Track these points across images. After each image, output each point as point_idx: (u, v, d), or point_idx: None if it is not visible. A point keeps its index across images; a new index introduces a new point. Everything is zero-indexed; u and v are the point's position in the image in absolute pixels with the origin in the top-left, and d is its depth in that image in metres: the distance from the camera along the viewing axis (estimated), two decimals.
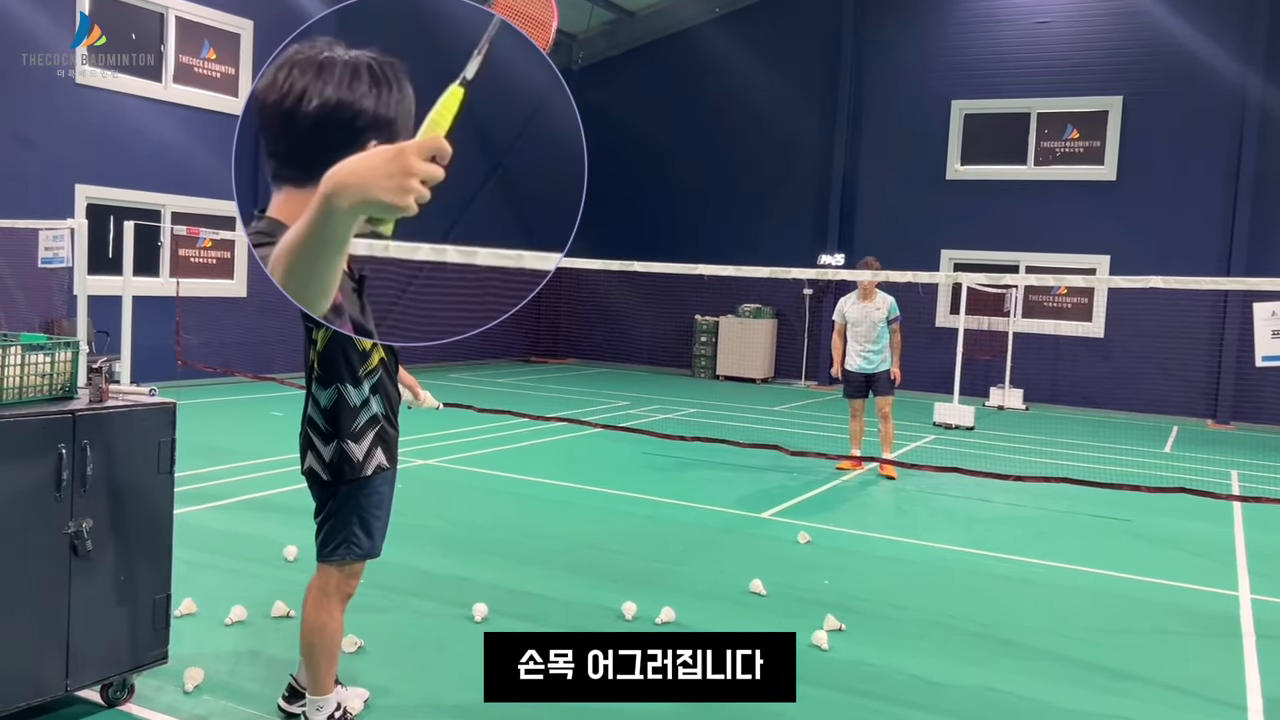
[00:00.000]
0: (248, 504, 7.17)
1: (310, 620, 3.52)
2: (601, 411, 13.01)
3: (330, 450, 3.42)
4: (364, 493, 3.45)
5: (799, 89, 18.93)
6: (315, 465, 3.47)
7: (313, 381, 3.46)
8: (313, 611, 3.53)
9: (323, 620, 3.51)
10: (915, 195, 17.93)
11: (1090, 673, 4.78)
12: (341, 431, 3.41)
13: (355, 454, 3.41)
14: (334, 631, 3.55)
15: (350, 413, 3.41)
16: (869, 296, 9.55)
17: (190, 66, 13.83)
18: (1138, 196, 16.29)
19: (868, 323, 9.50)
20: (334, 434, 3.42)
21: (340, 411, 3.41)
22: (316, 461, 3.46)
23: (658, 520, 7.47)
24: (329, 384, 3.42)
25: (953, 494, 8.93)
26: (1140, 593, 6.24)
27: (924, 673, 4.64)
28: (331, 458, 3.42)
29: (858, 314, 9.54)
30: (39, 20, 11.75)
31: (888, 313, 9.49)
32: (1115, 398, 16.30)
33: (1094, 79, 16.64)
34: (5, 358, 3.47)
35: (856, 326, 9.56)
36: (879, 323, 9.49)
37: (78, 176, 12.44)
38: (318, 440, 3.45)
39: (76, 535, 3.54)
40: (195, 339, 12.33)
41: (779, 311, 19.04)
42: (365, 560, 3.57)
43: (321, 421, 3.44)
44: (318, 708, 3.60)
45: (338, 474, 3.43)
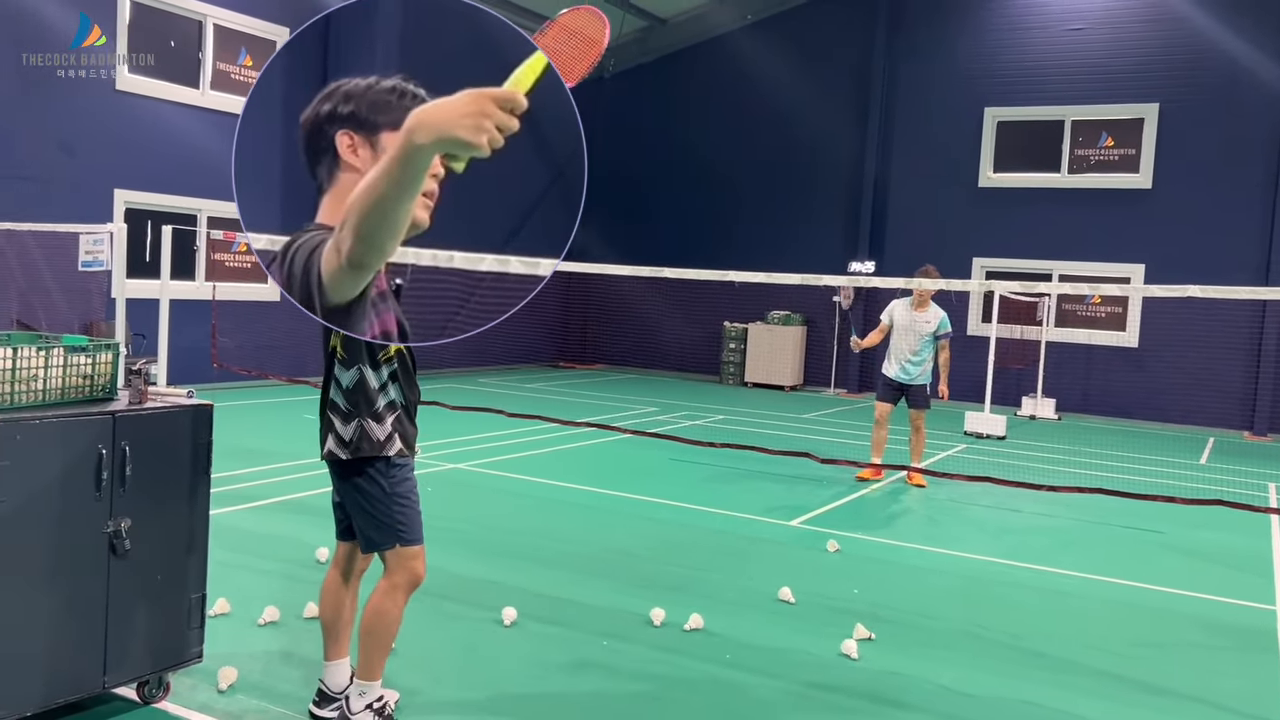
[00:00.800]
0: (281, 505, 7.25)
1: (375, 605, 3.52)
2: (630, 417, 13.03)
3: (351, 429, 3.43)
4: (388, 474, 3.46)
5: (831, 96, 18.89)
6: (334, 446, 3.47)
7: (335, 365, 3.48)
8: (379, 598, 3.52)
9: (386, 606, 3.50)
10: (947, 203, 17.83)
11: (1123, 686, 4.73)
12: (362, 410, 3.42)
13: (376, 433, 3.43)
14: (395, 619, 3.54)
15: (372, 393, 3.43)
16: (923, 306, 9.29)
17: (227, 73, 14.02)
18: (1173, 205, 16.11)
19: (914, 333, 9.27)
20: (355, 412, 3.43)
21: (362, 391, 3.43)
22: (336, 442, 3.46)
23: (686, 527, 7.47)
24: (351, 365, 3.43)
25: (984, 504, 8.86)
26: (1174, 606, 6.17)
27: (954, 683, 4.61)
28: (351, 436, 3.42)
29: (906, 321, 9.31)
30: (76, 30, 11.94)
31: (938, 327, 9.25)
32: (1149, 408, 16.12)
33: (1129, 86, 16.48)
34: (48, 359, 3.54)
35: (903, 334, 9.32)
36: (925, 335, 9.25)
37: (117, 181, 12.64)
38: (337, 420, 3.46)
39: (115, 534, 3.59)
40: (230, 342, 12.48)
41: (809, 318, 18.99)
42: (414, 546, 3.53)
43: (342, 401, 3.45)
44: (361, 692, 3.61)
45: (356, 450, 3.42)
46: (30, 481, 3.35)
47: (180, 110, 13.33)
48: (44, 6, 11.54)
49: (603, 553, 6.59)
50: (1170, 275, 14.75)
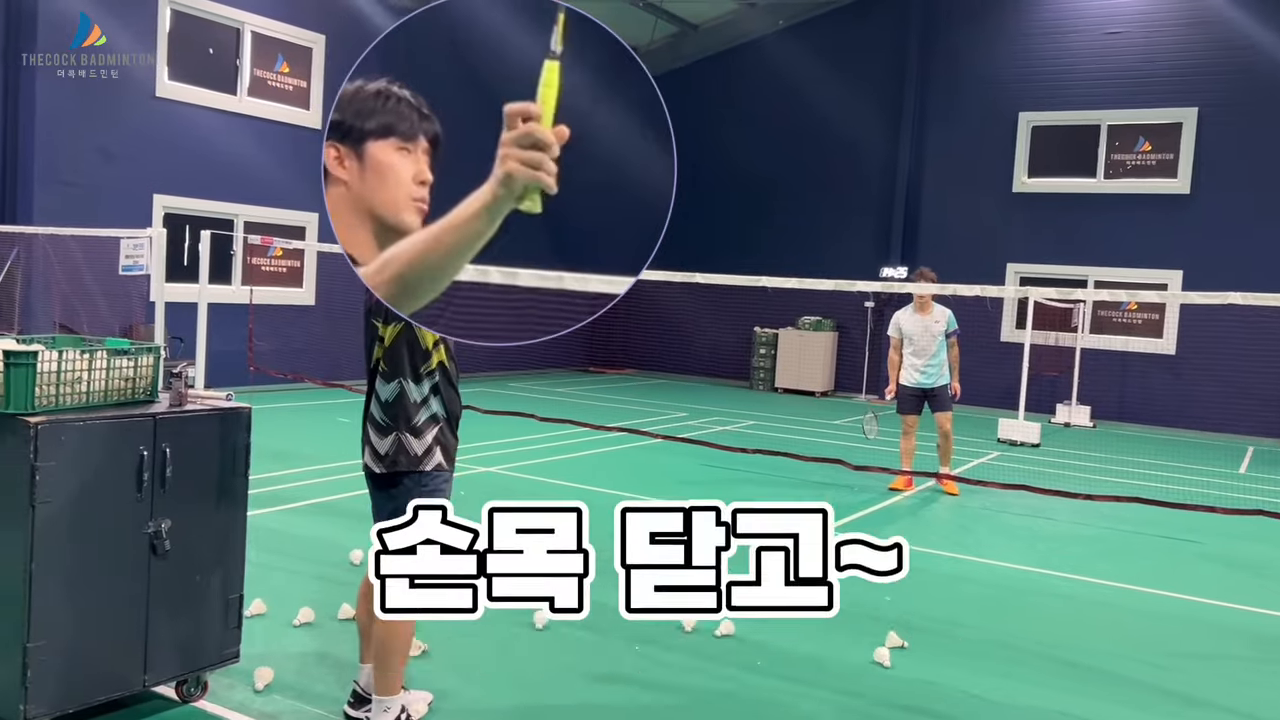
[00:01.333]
0: (316, 508, 7.32)
1: (384, 622, 3.44)
2: (660, 422, 13.03)
3: (387, 443, 3.48)
4: (423, 488, 3.46)
5: (863, 101, 18.81)
6: (369, 459, 3.53)
7: (376, 378, 3.53)
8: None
9: (397, 623, 3.47)
10: (981, 208, 17.69)
11: (1159, 698, 4.67)
12: (400, 424, 3.46)
13: (414, 447, 3.46)
14: (407, 635, 3.59)
15: (411, 407, 3.47)
16: (926, 309, 9.32)
17: (264, 80, 14.19)
18: (1212, 210, 15.89)
19: (927, 336, 9.26)
20: (392, 426, 3.48)
21: (401, 405, 3.47)
22: (371, 455, 3.52)
23: None
24: (392, 378, 3.47)
25: (1017, 512, 8.78)
26: (1212, 617, 6.08)
27: (987, 693, 4.58)
28: (387, 450, 3.47)
29: (915, 327, 9.31)
30: (123, 37, 12.15)
31: (946, 326, 9.29)
32: (1187, 416, 15.89)
33: (1167, 90, 16.28)
34: (91, 362, 3.61)
35: (915, 341, 9.31)
36: (938, 336, 9.27)
37: (156, 187, 12.83)
38: (374, 433, 3.52)
39: (156, 535, 3.65)
40: (267, 345, 12.63)
41: (840, 324, 18.91)
42: None
43: (380, 415, 3.50)
44: (385, 709, 3.64)
45: (393, 464, 3.47)
46: (74, 482, 3.41)
47: (218, 116, 13.51)
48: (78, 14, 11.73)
49: None
50: (1209, 282, 14.54)
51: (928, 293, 8.96)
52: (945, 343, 9.35)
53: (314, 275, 14.98)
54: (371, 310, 3.42)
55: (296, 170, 14.59)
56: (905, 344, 9.40)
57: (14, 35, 11.42)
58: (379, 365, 3.51)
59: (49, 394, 3.45)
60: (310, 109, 14.75)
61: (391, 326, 3.42)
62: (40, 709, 3.38)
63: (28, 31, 11.42)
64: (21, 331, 10.17)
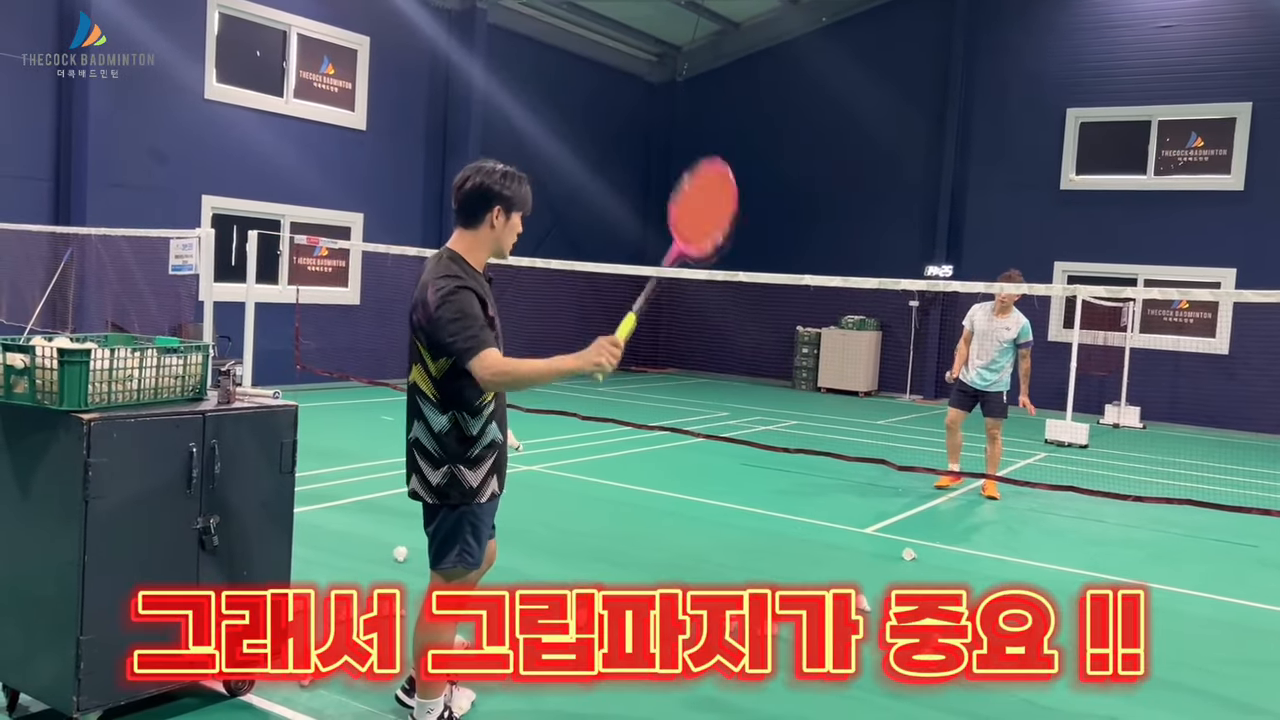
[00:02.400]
0: (360, 505, 7.39)
1: (425, 624, 3.57)
2: (702, 421, 13.00)
3: (440, 474, 3.49)
4: (474, 515, 3.55)
5: (908, 98, 18.62)
6: (420, 489, 3.54)
7: (424, 402, 3.50)
8: (423, 610, 3.58)
9: (429, 621, 3.55)
10: (1028, 206, 17.44)
11: (1216, 705, 4.57)
12: (453, 457, 3.47)
13: (470, 480, 3.50)
14: (448, 637, 3.61)
15: (466, 441, 3.48)
16: (1005, 312, 9.01)
17: (310, 82, 14.36)
18: (1267, 207, 15.53)
19: (993, 339, 8.99)
20: (445, 459, 3.48)
21: (455, 438, 3.47)
22: (421, 485, 3.53)
23: (760, 532, 7.42)
24: (445, 410, 3.46)
25: (1065, 514, 8.64)
26: (1270, 623, 5.94)
27: (1038, 698, 4.50)
28: (439, 482, 3.49)
29: (986, 326, 9.04)
30: (167, 42, 12.35)
31: (1019, 335, 8.97)
32: (1240, 417, 15.54)
33: (1220, 85, 15.94)
34: (142, 360, 3.66)
35: (981, 338, 9.06)
36: (1005, 342, 8.97)
37: (204, 188, 13.03)
38: (425, 464, 3.50)
39: (205, 530, 3.70)
40: (313, 344, 12.77)
41: (883, 323, 18.74)
42: (474, 570, 3.65)
43: (433, 446, 3.49)
44: (427, 710, 3.67)
45: (443, 497, 3.50)
46: (126, 478, 3.47)
47: (265, 118, 13.69)
48: (128, 18, 11.94)
49: (675, 557, 6.59)
50: (1264, 279, 14.21)
51: (1009, 295, 8.66)
52: (1014, 351, 9.04)
53: (359, 275, 15.13)
54: (423, 332, 3.41)
55: (342, 171, 14.76)
56: (974, 339, 9.17)
57: (66, 39, 11.65)
58: (427, 393, 3.49)
59: (101, 391, 3.51)
60: (355, 110, 14.90)
61: (443, 361, 3.41)
62: (92, 701, 3.44)
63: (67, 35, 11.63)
64: (75, 330, 10.38)
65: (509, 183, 3.58)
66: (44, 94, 11.60)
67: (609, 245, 18.12)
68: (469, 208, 3.56)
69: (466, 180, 3.57)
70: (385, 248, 11.41)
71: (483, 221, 3.55)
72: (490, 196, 3.54)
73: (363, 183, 15.10)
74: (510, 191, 3.57)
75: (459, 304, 3.34)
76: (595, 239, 18.43)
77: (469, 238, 3.58)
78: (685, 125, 21.03)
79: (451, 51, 16.09)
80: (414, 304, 3.46)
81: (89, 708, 3.44)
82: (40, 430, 3.50)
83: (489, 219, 3.55)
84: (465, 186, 3.56)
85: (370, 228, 15.14)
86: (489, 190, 3.54)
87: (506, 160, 3.68)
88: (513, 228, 3.62)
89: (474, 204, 3.55)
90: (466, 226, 3.59)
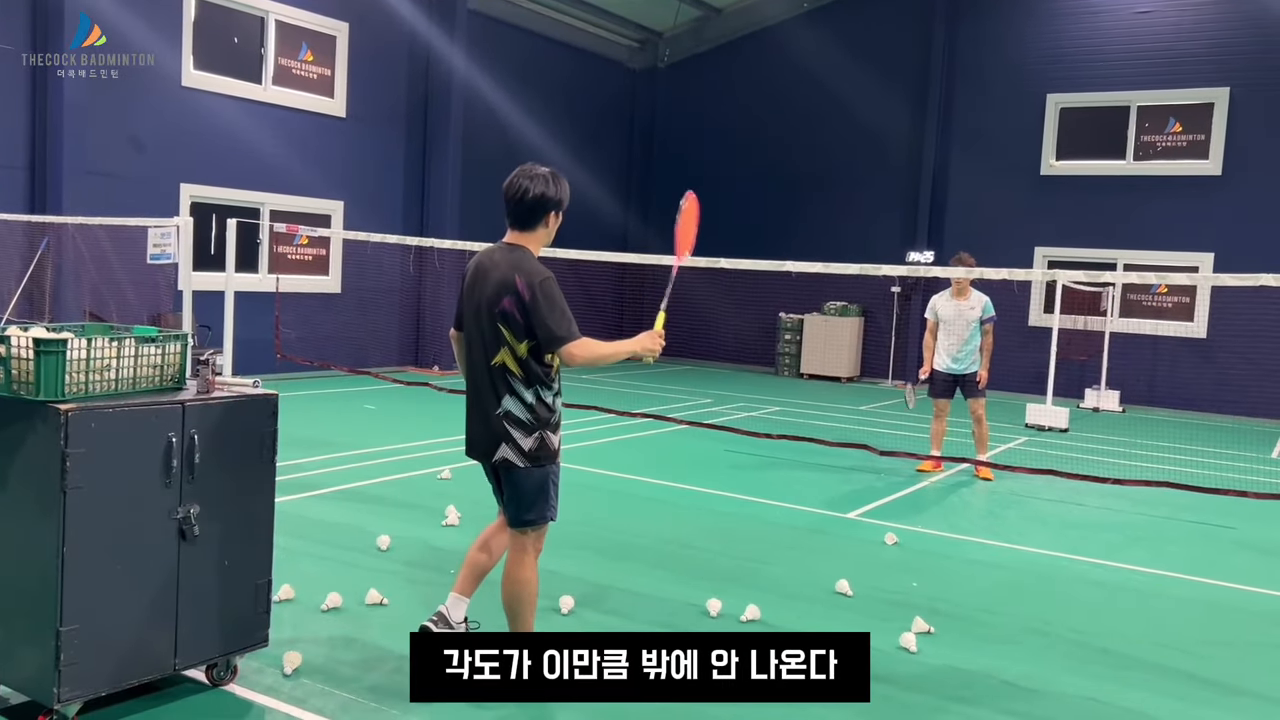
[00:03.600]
0: (342, 494, 7.36)
1: (512, 576, 4.01)
2: (686, 408, 13.02)
3: (533, 440, 3.92)
4: (554, 472, 4.02)
5: (889, 83, 18.63)
6: (512, 455, 3.91)
7: (513, 382, 3.91)
8: (514, 569, 4.02)
9: (525, 576, 3.99)
10: (1008, 191, 17.51)
11: (1195, 685, 4.62)
12: (542, 424, 3.94)
13: (554, 442, 3.99)
14: (533, 585, 4.04)
15: (548, 409, 3.96)
16: (963, 294, 9.24)
17: (288, 68, 14.23)
18: (1244, 192, 15.64)
19: (961, 321, 9.19)
20: (536, 426, 3.93)
21: (542, 407, 3.94)
22: (514, 452, 3.91)
23: (743, 518, 7.45)
24: (530, 385, 3.92)
25: (1045, 498, 8.71)
26: (1248, 603, 6.00)
27: (1017, 679, 4.54)
28: (532, 447, 3.92)
29: (951, 312, 9.24)
30: (143, 30, 12.21)
31: (982, 312, 9.20)
32: (1218, 401, 15.69)
33: (1198, 70, 16.02)
34: (120, 350, 3.63)
35: (949, 325, 9.26)
36: (973, 322, 9.18)
37: (182, 176, 12.91)
38: (518, 432, 3.91)
39: (185, 520, 3.68)
40: (293, 333, 12.70)
41: (865, 310, 18.79)
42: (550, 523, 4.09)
43: (526, 416, 3.92)
44: None
45: (535, 460, 3.93)
46: (104, 468, 3.44)
47: (243, 106, 13.57)
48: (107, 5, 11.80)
49: (659, 543, 6.60)
50: (1241, 264, 14.31)
51: (965, 277, 8.82)
52: (980, 329, 9.25)
53: (340, 263, 15.04)
54: (516, 317, 3.85)
55: (322, 158, 14.65)
56: (940, 328, 9.33)
57: (41, 25, 11.50)
58: (515, 371, 3.91)
59: (79, 381, 3.48)
60: (334, 97, 14.79)
61: (527, 343, 3.87)
62: (73, 692, 3.42)
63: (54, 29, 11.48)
64: (52, 320, 10.29)
65: (560, 186, 4.01)
66: (18, 80, 11.45)
67: (590, 231, 18.05)
68: (530, 216, 3.98)
69: (526, 191, 3.95)
70: (366, 235, 11.35)
71: (539, 224, 4.00)
72: (548, 202, 3.98)
73: (343, 170, 15.00)
74: (562, 194, 4.02)
75: (555, 294, 3.84)
76: (577, 225, 18.32)
77: (527, 236, 4.02)
78: (667, 111, 20.99)
79: (431, 38, 15.98)
80: (496, 292, 3.88)
81: (70, 699, 3.42)
82: (17, 421, 3.47)
83: (545, 220, 4.01)
84: (527, 198, 3.95)
85: (351, 215, 15.05)
86: (549, 199, 3.97)
87: (488, 148, 4.11)
88: (558, 223, 4.10)
89: (534, 211, 3.97)
90: (524, 229, 4.01)
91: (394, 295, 15.82)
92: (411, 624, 4.77)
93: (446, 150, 15.99)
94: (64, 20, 11.41)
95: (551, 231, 4.09)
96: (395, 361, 16.04)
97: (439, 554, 5.96)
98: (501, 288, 3.86)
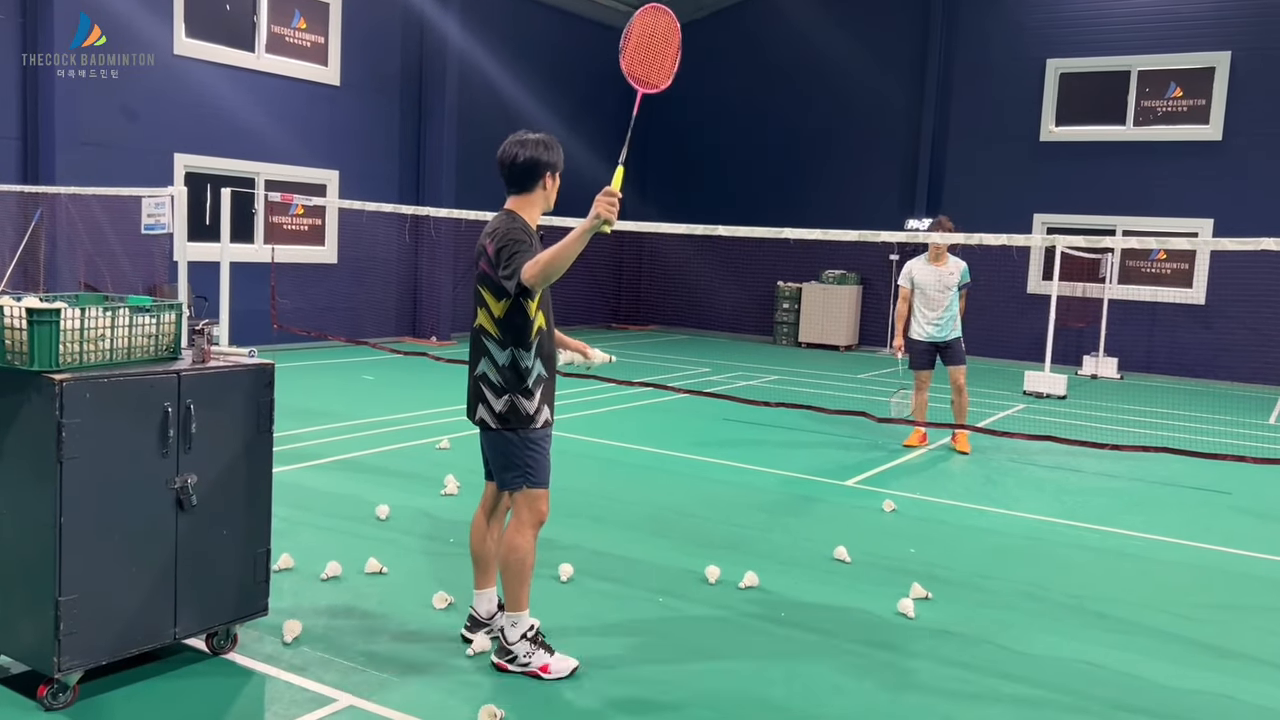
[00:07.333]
0: (340, 464, 7.37)
1: (508, 541, 3.97)
2: (684, 378, 13.01)
3: (502, 403, 3.92)
4: (531, 440, 3.95)
5: (887, 50, 18.47)
6: (485, 415, 3.96)
7: (488, 343, 3.95)
8: (510, 534, 3.98)
9: (516, 541, 3.94)
10: (1007, 158, 17.41)
11: (1191, 649, 4.65)
12: (513, 387, 3.91)
13: (527, 407, 3.93)
14: (526, 552, 3.94)
15: (523, 371, 3.92)
16: (941, 260, 8.98)
17: (281, 36, 14.09)
18: (1245, 157, 15.57)
19: (939, 287, 8.93)
20: (506, 389, 3.91)
21: (514, 370, 3.91)
22: (487, 412, 3.95)
23: (741, 486, 7.46)
24: (505, 346, 3.91)
25: (1043, 464, 8.73)
26: (1245, 568, 6.03)
27: (1014, 643, 4.57)
28: (502, 409, 3.92)
29: (929, 278, 8.97)
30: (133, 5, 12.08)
31: (960, 278, 8.98)
32: (1216, 367, 15.70)
33: (1200, 35, 15.89)
34: (114, 320, 3.61)
35: (927, 292, 9.00)
36: (951, 288, 8.95)
37: (176, 146, 12.81)
38: (490, 393, 3.94)
39: (182, 490, 3.67)
40: (289, 303, 12.66)
41: (864, 278, 18.74)
42: (539, 489, 3.98)
43: (497, 377, 3.93)
44: (513, 623, 3.95)
45: (505, 422, 3.92)
46: (100, 438, 3.43)
47: (236, 74, 13.44)
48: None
49: (658, 511, 6.61)
50: (1240, 229, 14.28)
51: (944, 242, 8.67)
52: (958, 295, 9.06)
53: (336, 233, 14.97)
54: (489, 274, 3.89)
55: (316, 127, 14.54)
56: (916, 295, 9.07)
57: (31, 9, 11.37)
58: (491, 333, 3.94)
59: (73, 351, 3.46)
60: (328, 65, 14.65)
61: (504, 301, 3.87)
62: (73, 661, 3.43)
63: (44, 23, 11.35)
64: (48, 291, 10.25)
65: (552, 150, 4.09)
66: (9, 49, 11.33)
67: (586, 200, 17.91)
68: (523, 178, 4.04)
69: (516, 156, 4.03)
70: (361, 204, 11.29)
71: (536, 186, 4.07)
72: (540, 165, 4.04)
73: (337, 139, 14.89)
74: (555, 157, 4.10)
75: (512, 239, 3.85)
76: (572, 191, 18.22)
77: (523, 200, 4.08)
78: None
79: (425, 4, 15.81)
80: (476, 256, 3.97)
81: (70, 668, 3.43)
82: (11, 392, 3.46)
83: (541, 183, 4.07)
84: (517, 161, 4.02)
85: (346, 185, 14.96)
86: (539, 161, 4.03)
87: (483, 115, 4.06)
88: (556, 186, 4.16)
89: (527, 174, 4.04)
90: (520, 192, 4.07)
91: (390, 265, 15.76)
92: (410, 592, 4.80)
93: (441, 118, 15.86)
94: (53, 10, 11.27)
95: (550, 195, 4.14)
96: (393, 331, 16.00)
97: (438, 523, 5.97)
98: (479, 251, 3.96)
